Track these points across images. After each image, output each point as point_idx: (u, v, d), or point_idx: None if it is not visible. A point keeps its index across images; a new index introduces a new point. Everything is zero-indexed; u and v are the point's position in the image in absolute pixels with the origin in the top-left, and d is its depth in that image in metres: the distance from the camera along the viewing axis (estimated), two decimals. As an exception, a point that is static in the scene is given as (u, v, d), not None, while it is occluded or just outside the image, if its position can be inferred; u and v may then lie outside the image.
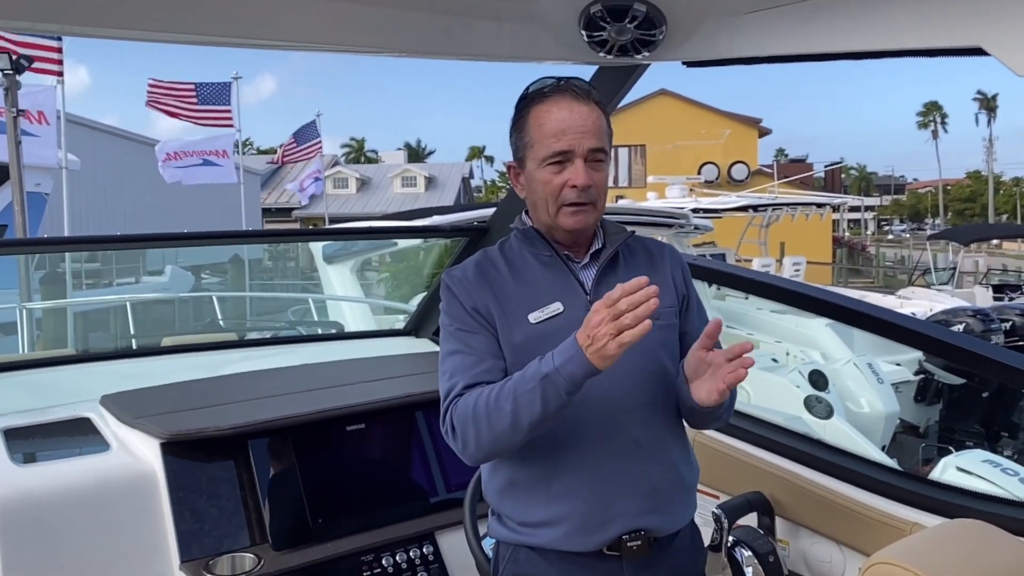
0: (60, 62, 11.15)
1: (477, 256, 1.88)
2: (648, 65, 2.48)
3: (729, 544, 2.32)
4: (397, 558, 2.38)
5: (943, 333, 2.32)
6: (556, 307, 1.76)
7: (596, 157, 1.75)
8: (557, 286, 1.80)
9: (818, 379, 6.30)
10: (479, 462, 1.78)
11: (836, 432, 5.56)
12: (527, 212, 1.89)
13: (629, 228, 1.92)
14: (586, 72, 2.61)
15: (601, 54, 2.28)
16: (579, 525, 1.73)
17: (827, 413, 5.97)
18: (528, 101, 1.80)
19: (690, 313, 1.91)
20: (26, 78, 9.33)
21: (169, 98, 16.35)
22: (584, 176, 1.73)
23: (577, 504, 1.74)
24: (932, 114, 73.03)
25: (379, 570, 2.34)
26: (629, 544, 1.74)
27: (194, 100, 16.57)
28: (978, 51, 1.75)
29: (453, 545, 2.44)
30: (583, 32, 2.23)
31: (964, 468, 4.49)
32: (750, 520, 2.43)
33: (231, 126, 17.30)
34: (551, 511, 1.75)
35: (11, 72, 8.80)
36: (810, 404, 6.05)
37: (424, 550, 2.43)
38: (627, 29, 2.17)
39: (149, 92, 16.15)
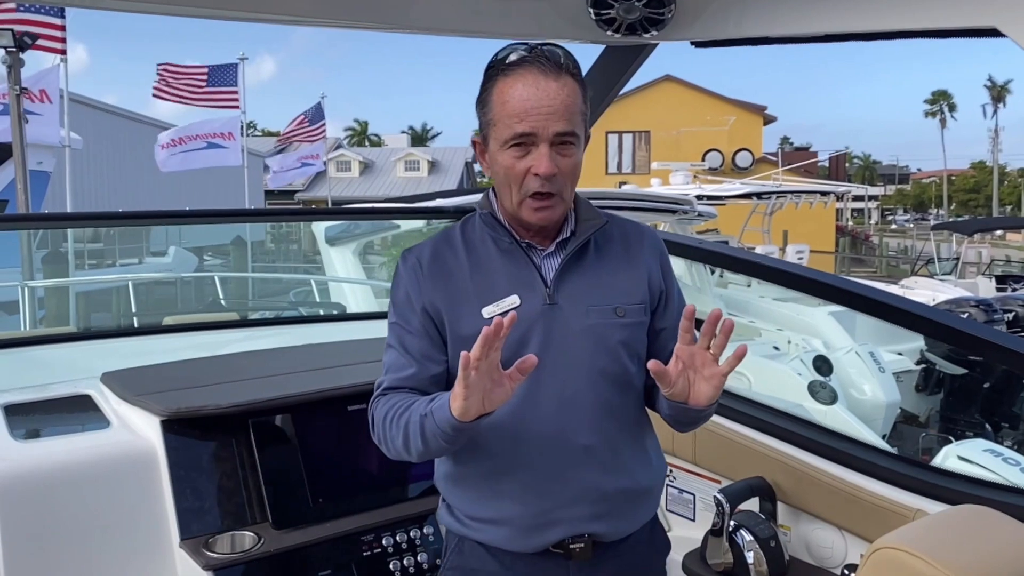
0: (63, 40, 11.10)
1: (437, 238, 1.75)
2: (656, 45, 2.46)
3: (730, 529, 2.32)
4: (397, 538, 2.37)
5: (950, 319, 2.30)
6: (512, 300, 1.64)
7: (563, 141, 1.58)
8: (516, 277, 1.67)
9: (822, 365, 6.29)
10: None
11: (837, 420, 5.57)
12: (495, 190, 1.72)
13: (615, 212, 1.82)
14: (593, 51, 2.59)
15: (609, 33, 2.26)
16: (522, 527, 1.68)
17: (831, 399, 5.97)
18: (493, 71, 1.62)
19: (668, 309, 1.77)
20: (26, 64, 9.27)
21: (178, 82, 16.36)
22: (547, 164, 1.57)
23: (520, 508, 1.67)
24: (940, 102, 72.66)
25: (379, 549, 2.34)
26: (572, 546, 1.68)
27: (204, 83, 16.58)
28: (993, 32, 1.72)
29: (453, 526, 2.43)
30: (591, 10, 2.20)
31: (965, 457, 4.49)
32: (752, 505, 2.43)
33: (237, 107, 17.28)
34: (495, 510, 1.70)
35: (14, 50, 8.76)
36: (814, 390, 6.05)
37: (424, 530, 2.42)
38: (635, 7, 2.15)
39: (159, 78, 16.13)
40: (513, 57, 1.60)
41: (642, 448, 1.78)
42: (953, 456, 4.55)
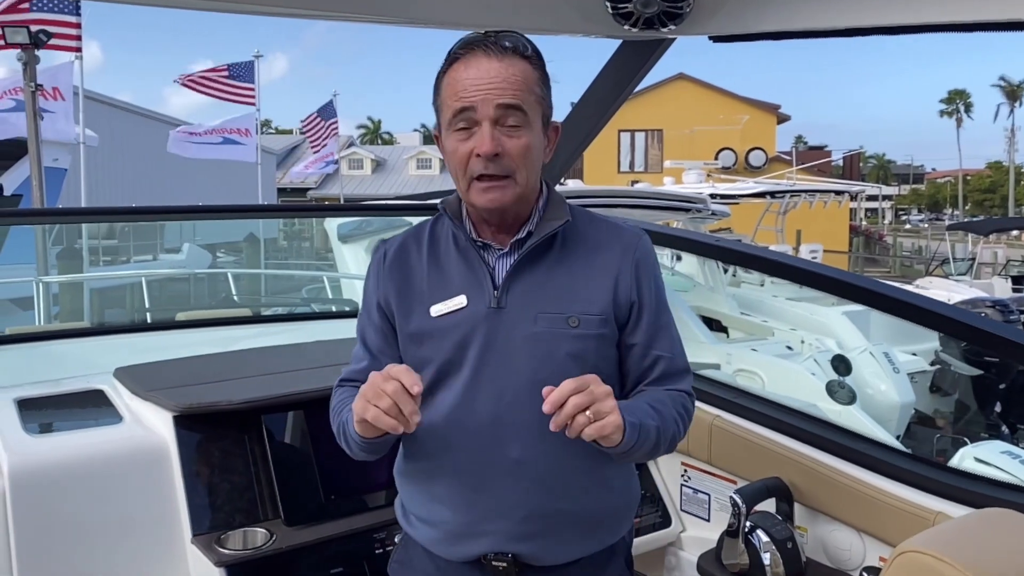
0: (79, 38, 11.15)
1: (409, 231, 1.71)
2: (673, 40, 2.43)
3: (746, 529, 2.29)
4: (410, 536, 2.36)
5: (971, 317, 2.26)
6: (459, 301, 1.58)
7: (508, 120, 1.49)
8: (467, 276, 1.60)
9: (840, 364, 6.25)
10: None
11: (851, 421, 5.52)
12: None
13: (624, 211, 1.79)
14: (610, 47, 2.56)
15: (626, 27, 2.23)
16: (449, 534, 1.64)
17: (850, 399, 5.93)
18: (445, 62, 1.56)
19: (640, 325, 1.60)
20: (40, 61, 9.31)
21: (201, 78, 16.77)
22: (488, 143, 1.47)
23: (449, 513, 1.63)
24: (956, 102, 72.12)
25: (391, 547, 2.32)
26: (494, 563, 1.60)
27: (225, 76, 16.93)
28: (1021, 25, 1.68)
29: (466, 524, 2.41)
30: (608, 4, 2.18)
31: (983, 459, 4.45)
32: (768, 506, 2.40)
33: (253, 103, 17.42)
34: (429, 511, 1.68)
35: (30, 47, 8.80)
36: (832, 389, 6.01)
37: (437, 529, 2.41)
38: (654, 1, 2.12)
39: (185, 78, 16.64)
40: (461, 43, 1.55)
41: (597, 471, 1.62)
42: (970, 458, 4.51)
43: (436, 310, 1.59)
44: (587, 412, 1.36)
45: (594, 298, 1.57)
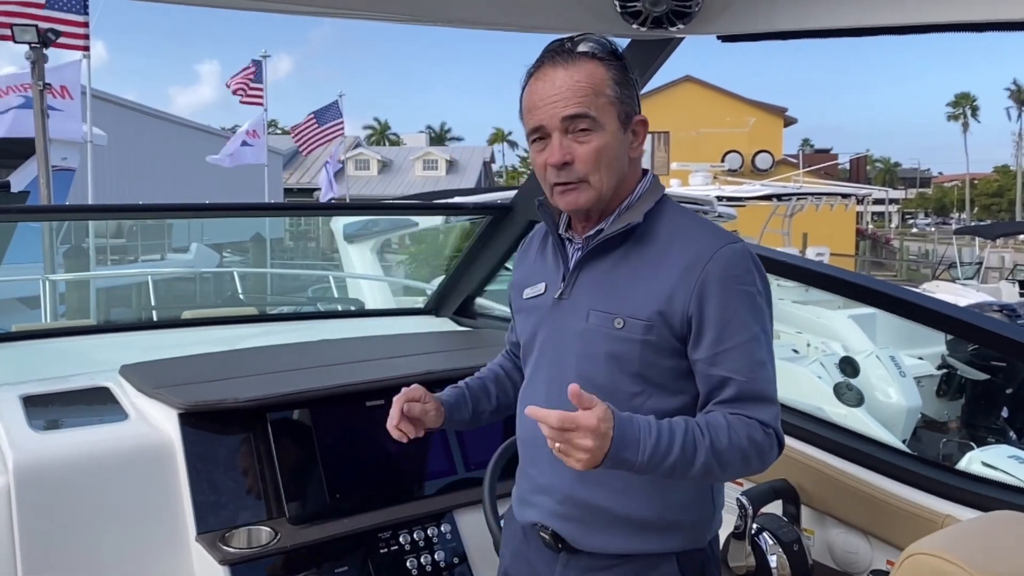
0: (86, 37, 11.17)
1: (539, 224, 1.89)
2: (682, 40, 2.41)
3: (753, 531, 2.27)
4: (415, 535, 2.35)
5: (981, 319, 2.24)
6: (539, 287, 1.74)
7: (577, 127, 1.55)
8: (550, 267, 1.74)
9: (847, 367, 6.23)
10: None
11: (857, 425, 5.50)
12: None
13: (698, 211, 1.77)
14: (618, 46, 2.55)
15: (635, 26, 2.22)
16: (517, 497, 1.83)
17: (857, 401, 5.91)
18: (524, 78, 1.66)
19: (702, 340, 1.55)
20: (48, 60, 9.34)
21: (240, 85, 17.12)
22: (557, 153, 1.56)
23: (520, 479, 1.83)
24: (963, 105, 71.88)
25: (396, 547, 2.31)
26: (540, 533, 1.74)
27: (252, 78, 17.20)
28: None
29: (471, 524, 2.41)
30: (616, 3, 2.16)
31: (990, 463, 4.42)
32: (775, 508, 2.38)
33: (261, 103, 17.49)
34: (517, 475, 1.86)
35: (38, 45, 8.82)
36: (840, 391, 5.99)
37: (442, 528, 2.40)
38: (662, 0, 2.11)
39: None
40: (534, 64, 1.64)
41: (637, 476, 1.57)
42: (977, 462, 4.48)
43: (526, 292, 1.78)
44: (557, 444, 1.39)
45: (644, 303, 1.57)
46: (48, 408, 2.47)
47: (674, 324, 1.56)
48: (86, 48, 11.24)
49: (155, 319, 7.51)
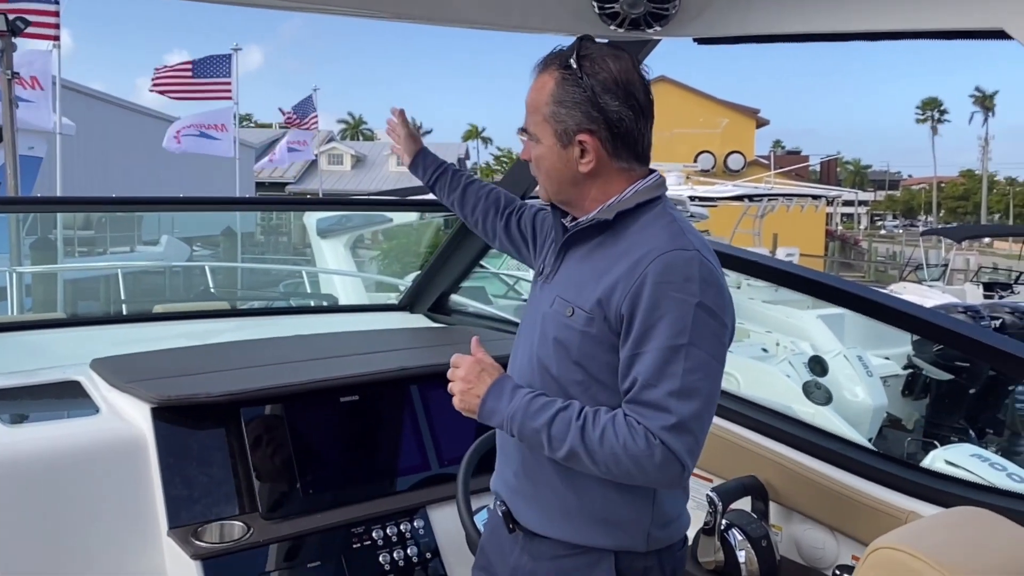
0: (56, 26, 11.00)
1: None
2: (658, 42, 2.43)
3: (722, 527, 2.31)
4: (388, 531, 2.36)
5: (947, 320, 2.30)
6: (540, 266, 1.86)
7: (526, 137, 1.73)
8: (548, 249, 1.85)
9: (816, 366, 6.31)
10: None
11: (824, 423, 5.59)
12: None
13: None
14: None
15: (612, 27, 2.23)
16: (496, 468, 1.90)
17: (826, 399, 5.99)
18: None
19: (628, 340, 1.55)
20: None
21: (171, 79, 16.55)
22: (523, 153, 1.77)
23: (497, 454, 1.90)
24: (930, 110, 72.98)
25: (369, 542, 2.32)
26: (499, 510, 1.80)
27: (189, 76, 16.65)
28: (1000, 34, 1.71)
29: (444, 519, 2.42)
30: (595, 3, 2.18)
31: (952, 462, 4.51)
32: (744, 504, 2.42)
33: (229, 98, 17.22)
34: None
35: (7, 34, 8.67)
36: (809, 390, 6.07)
37: (415, 523, 2.41)
38: (640, 2, 2.13)
39: (154, 81, 16.39)
40: None
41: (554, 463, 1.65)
42: (940, 460, 4.57)
43: (536, 267, 1.90)
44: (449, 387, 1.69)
45: (591, 296, 1.62)
46: (16, 402, 2.44)
47: (611, 319, 1.58)
48: (56, 37, 11.07)
49: (125, 313, 7.43)
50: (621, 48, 1.70)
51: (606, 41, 2.48)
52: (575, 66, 1.61)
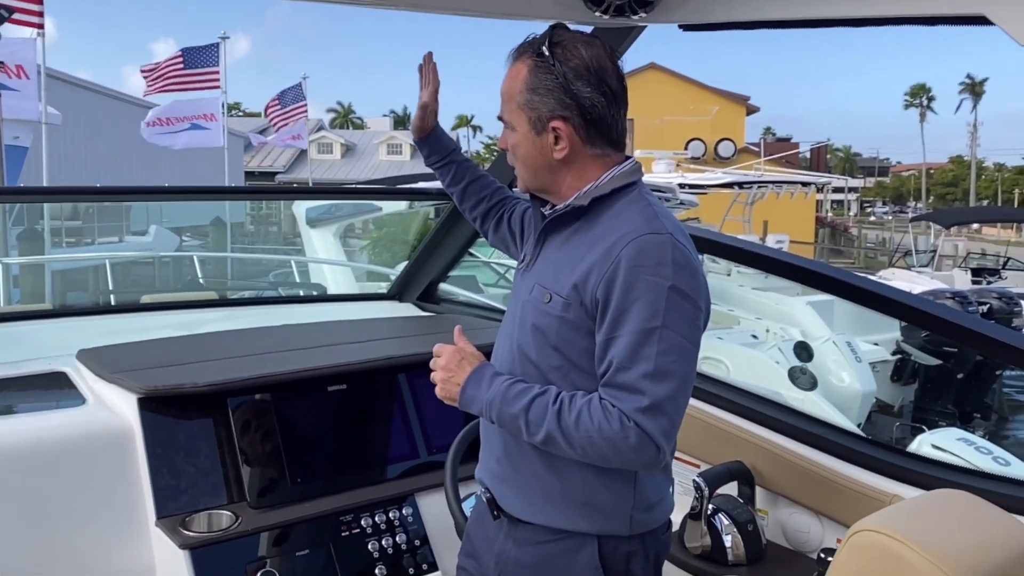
0: (41, 14, 10.90)
1: None
2: (644, 28, 2.43)
3: (709, 512, 2.33)
4: (376, 519, 2.37)
5: (935, 307, 2.31)
6: (523, 255, 1.85)
7: (503, 124, 1.74)
8: (530, 238, 1.85)
9: (802, 351, 6.34)
10: None
11: (813, 409, 5.62)
12: None
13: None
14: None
15: (597, 13, 2.23)
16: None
17: (811, 385, 6.03)
18: None
19: (603, 324, 1.56)
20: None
21: (162, 75, 16.40)
22: (500, 142, 1.78)
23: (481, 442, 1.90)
24: (920, 96, 73.14)
25: (358, 530, 2.33)
26: (483, 496, 1.81)
27: (181, 67, 16.53)
28: (981, 19, 1.72)
29: (433, 506, 2.43)
30: (579, -10, 2.18)
31: (939, 446, 4.56)
32: (730, 489, 2.44)
33: (218, 87, 17.10)
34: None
35: (-10, 22, 8.59)
36: (794, 376, 6.10)
37: (403, 511, 2.42)
38: (625, -12, 2.13)
39: (145, 79, 16.26)
40: None
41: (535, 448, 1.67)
42: (927, 444, 4.62)
43: (519, 257, 1.89)
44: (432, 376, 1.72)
45: (567, 281, 1.62)
46: (3, 393, 2.44)
47: (587, 304, 1.59)
48: (40, 26, 10.97)
49: (113, 303, 7.39)
50: (594, 35, 1.69)
51: (591, 28, 2.49)
52: (547, 53, 1.61)
